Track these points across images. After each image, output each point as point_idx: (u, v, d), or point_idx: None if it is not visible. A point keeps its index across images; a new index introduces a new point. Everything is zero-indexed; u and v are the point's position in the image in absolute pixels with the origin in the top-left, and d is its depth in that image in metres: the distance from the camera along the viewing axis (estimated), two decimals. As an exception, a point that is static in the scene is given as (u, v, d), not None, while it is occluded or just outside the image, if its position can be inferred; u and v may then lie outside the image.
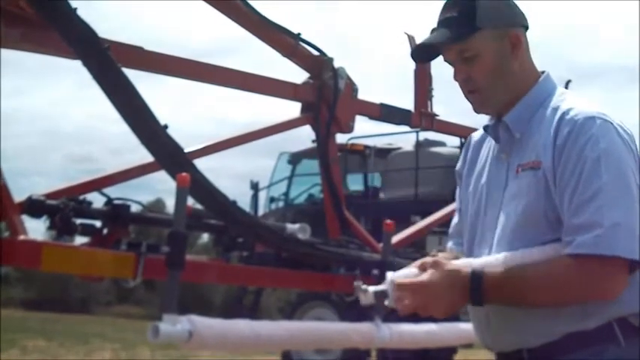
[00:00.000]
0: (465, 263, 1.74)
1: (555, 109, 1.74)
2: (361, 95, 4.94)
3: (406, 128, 5.73)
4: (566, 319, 1.68)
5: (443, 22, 1.79)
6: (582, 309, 1.67)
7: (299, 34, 4.47)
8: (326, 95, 4.63)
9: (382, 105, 5.19)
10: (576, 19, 68.12)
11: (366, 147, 9.97)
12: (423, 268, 1.72)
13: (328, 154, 4.68)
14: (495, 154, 1.85)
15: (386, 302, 1.73)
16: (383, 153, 9.88)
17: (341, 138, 6.44)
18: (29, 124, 55.17)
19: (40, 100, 56.48)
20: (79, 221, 3.39)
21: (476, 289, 1.67)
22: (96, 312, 29.48)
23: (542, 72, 1.84)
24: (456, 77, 1.82)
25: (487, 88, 1.78)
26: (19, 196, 3.28)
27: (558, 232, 1.67)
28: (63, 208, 3.32)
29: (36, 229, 3.36)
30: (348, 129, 4.86)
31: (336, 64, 4.66)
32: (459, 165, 2.01)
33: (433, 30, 1.82)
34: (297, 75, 4.72)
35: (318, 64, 4.64)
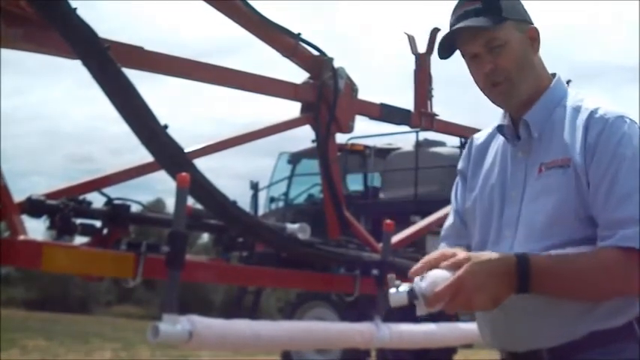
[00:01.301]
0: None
1: (577, 109, 1.76)
2: (361, 95, 4.94)
3: (406, 128, 5.73)
4: (591, 318, 1.68)
5: (467, 14, 1.76)
6: (608, 308, 1.67)
7: (299, 34, 4.47)
8: (326, 95, 4.63)
9: (382, 105, 5.19)
10: (576, 18, 68.15)
11: (366, 147, 9.97)
12: (456, 267, 1.61)
13: (328, 154, 4.68)
14: (511, 153, 1.84)
15: (418, 310, 1.60)
16: (383, 153, 9.87)
17: (341, 138, 6.44)
18: (29, 123, 55.18)
19: (39, 100, 56.50)
20: (78, 221, 3.39)
21: (523, 274, 1.60)
22: (96, 312, 29.48)
23: (553, 74, 1.86)
24: (478, 71, 1.79)
25: (516, 77, 1.77)
26: (18, 196, 3.28)
27: (588, 231, 1.67)
28: (63, 208, 3.32)
29: (36, 229, 3.37)
30: (348, 129, 4.86)
31: (336, 64, 4.66)
32: (462, 164, 1.99)
33: (458, 20, 1.78)
34: (297, 75, 4.72)
35: (318, 64, 4.64)
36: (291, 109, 4.82)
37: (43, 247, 3.05)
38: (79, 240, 3.42)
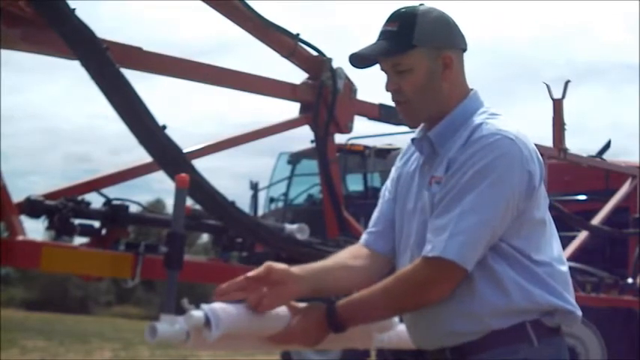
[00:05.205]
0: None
1: (471, 128, 1.84)
2: (360, 95, 4.94)
3: (406, 128, 5.72)
4: (489, 320, 1.77)
5: (383, 34, 1.91)
6: (503, 310, 1.76)
7: (298, 34, 4.46)
8: (325, 95, 4.62)
9: (381, 105, 5.18)
10: (577, 17, 68.16)
11: (366, 147, 9.97)
12: (292, 310, 2.01)
13: (327, 155, 4.68)
14: (420, 166, 1.96)
15: (207, 335, 1.94)
16: (382, 153, 9.87)
17: (340, 138, 6.43)
18: (27, 122, 55.22)
19: (38, 99, 56.50)
20: (77, 222, 3.39)
21: (332, 322, 1.91)
22: (95, 312, 29.51)
23: (472, 90, 1.95)
24: (387, 87, 1.94)
25: (415, 102, 1.89)
26: (17, 196, 3.28)
27: None
28: (62, 208, 3.32)
29: (35, 229, 3.37)
30: (347, 129, 4.85)
31: (335, 65, 4.66)
32: (399, 163, 2.09)
33: (378, 37, 1.93)
34: (296, 75, 4.72)
35: (317, 65, 4.64)
36: (292, 109, 4.82)
37: (42, 247, 3.04)
38: (78, 240, 3.42)
